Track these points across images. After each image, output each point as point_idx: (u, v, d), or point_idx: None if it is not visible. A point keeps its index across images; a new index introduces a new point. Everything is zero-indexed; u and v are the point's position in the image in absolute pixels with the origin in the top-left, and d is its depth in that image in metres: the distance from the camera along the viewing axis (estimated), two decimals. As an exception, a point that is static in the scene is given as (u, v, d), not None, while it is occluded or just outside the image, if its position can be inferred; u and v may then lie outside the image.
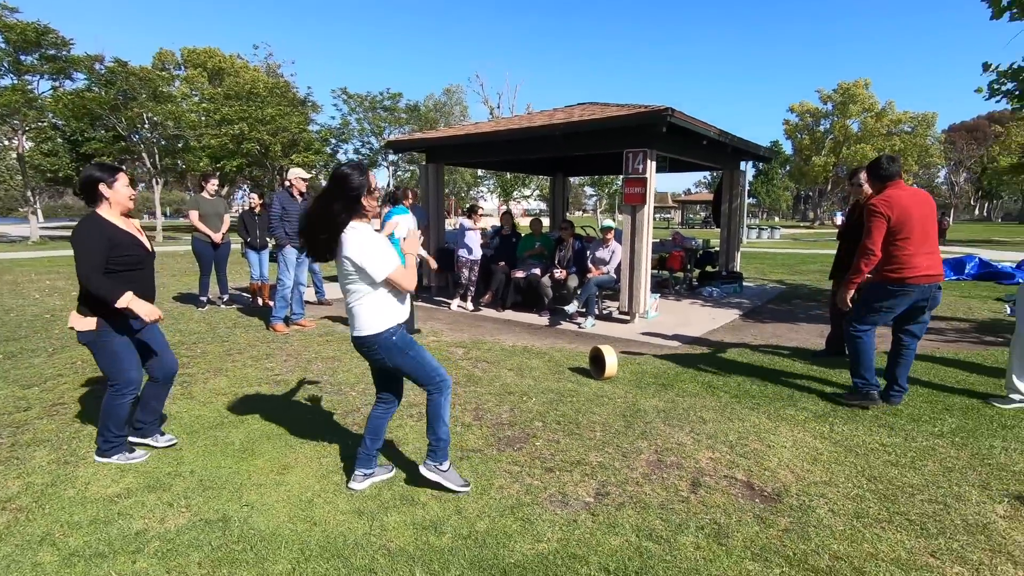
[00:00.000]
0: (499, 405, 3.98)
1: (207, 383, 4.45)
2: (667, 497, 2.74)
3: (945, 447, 3.26)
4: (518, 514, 2.58)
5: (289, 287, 6.25)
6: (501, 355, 5.30)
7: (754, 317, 7.46)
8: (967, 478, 2.90)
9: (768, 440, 3.36)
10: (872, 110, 45.80)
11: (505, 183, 40.75)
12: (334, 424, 3.66)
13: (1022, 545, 2.33)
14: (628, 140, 6.57)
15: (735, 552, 2.30)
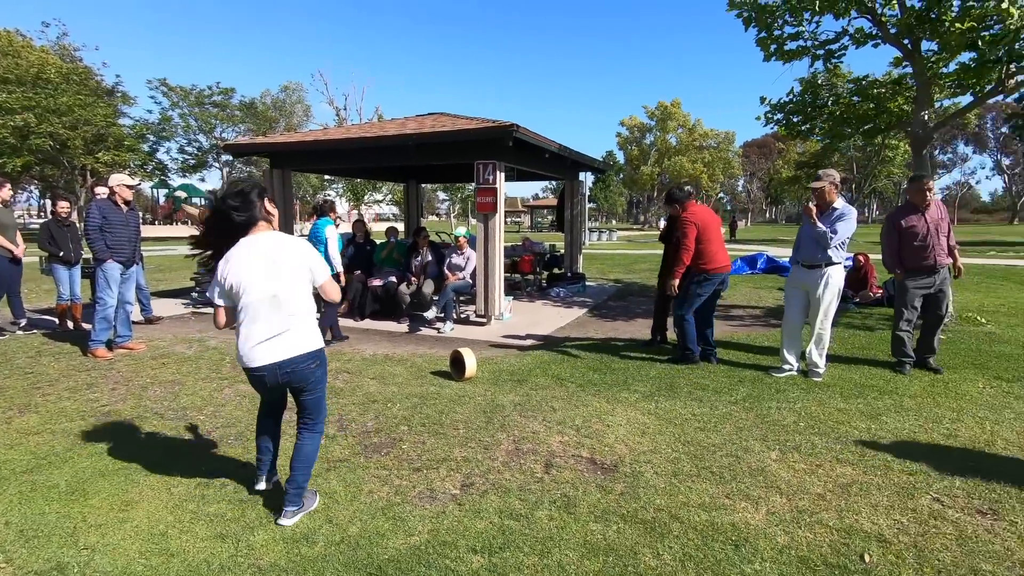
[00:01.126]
0: (363, 414, 4.04)
1: (11, 423, 3.86)
2: (524, 480, 3.07)
3: (738, 412, 4.05)
4: (389, 514, 2.71)
5: (112, 306, 5.57)
6: (362, 364, 5.31)
7: (596, 313, 8.29)
8: (752, 434, 3.65)
9: (607, 421, 3.88)
10: (686, 126, 52.51)
11: (356, 187, 39.45)
12: (183, 452, 3.44)
13: (787, 480, 3.04)
14: (478, 152, 6.94)
15: (581, 518, 2.68)
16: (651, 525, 2.62)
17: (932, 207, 4.92)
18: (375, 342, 6.34)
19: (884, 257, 5.20)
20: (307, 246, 2.65)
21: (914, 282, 4.96)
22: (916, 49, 7.06)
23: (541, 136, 7.42)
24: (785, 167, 60.90)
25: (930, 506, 2.76)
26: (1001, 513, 2.69)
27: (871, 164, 30.20)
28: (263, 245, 2.52)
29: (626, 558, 2.37)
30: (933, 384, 4.65)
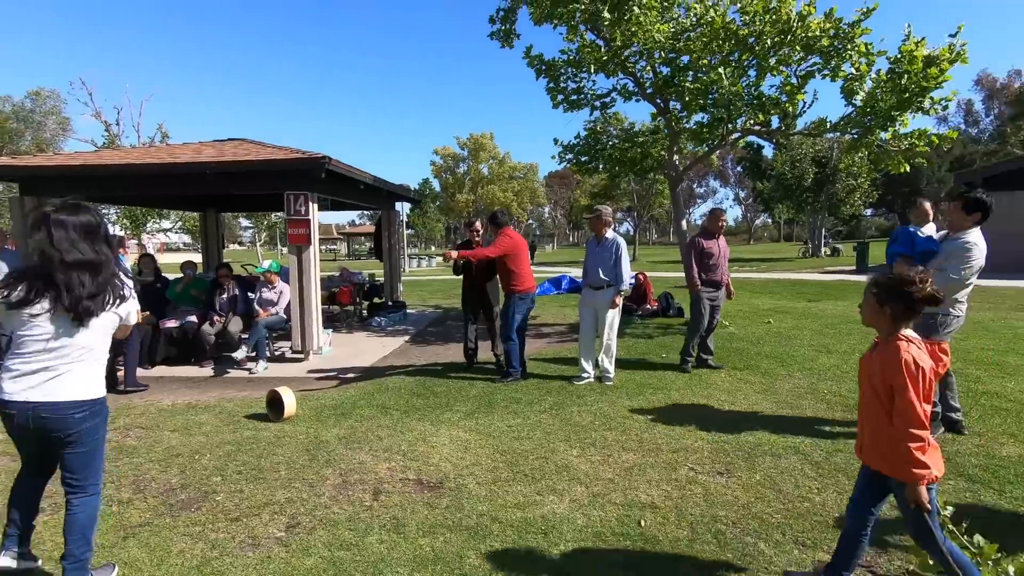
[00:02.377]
0: (165, 471, 3.67)
1: None
2: (353, 510, 3.12)
3: (546, 419, 4.58)
4: (206, 570, 2.57)
5: None
6: (159, 417, 4.76)
7: (418, 340, 8.48)
8: (558, 437, 4.18)
9: (432, 442, 4.10)
10: (496, 157, 55.99)
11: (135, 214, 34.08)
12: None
13: (586, 471, 3.57)
14: (288, 182, 6.72)
15: (411, 536, 2.85)
16: (474, 530, 2.89)
17: (722, 239, 6.16)
18: (173, 390, 5.70)
19: (686, 270, 6.09)
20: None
21: (707, 293, 6.05)
22: (667, 106, 8.74)
23: (355, 168, 7.47)
24: (583, 196, 68.56)
25: (687, 475, 3.50)
26: (733, 472, 3.53)
27: (648, 195, 35.60)
28: None
29: (453, 563, 2.59)
30: (691, 378, 5.77)
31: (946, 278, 3.60)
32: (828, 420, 4.42)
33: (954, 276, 3.65)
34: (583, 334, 5.68)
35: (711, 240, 6.12)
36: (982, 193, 3.75)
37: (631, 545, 2.73)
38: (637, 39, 7.83)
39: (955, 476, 3.37)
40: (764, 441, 4.01)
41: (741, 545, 2.70)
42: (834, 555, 2.34)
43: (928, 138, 7.12)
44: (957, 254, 3.69)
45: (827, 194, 31.54)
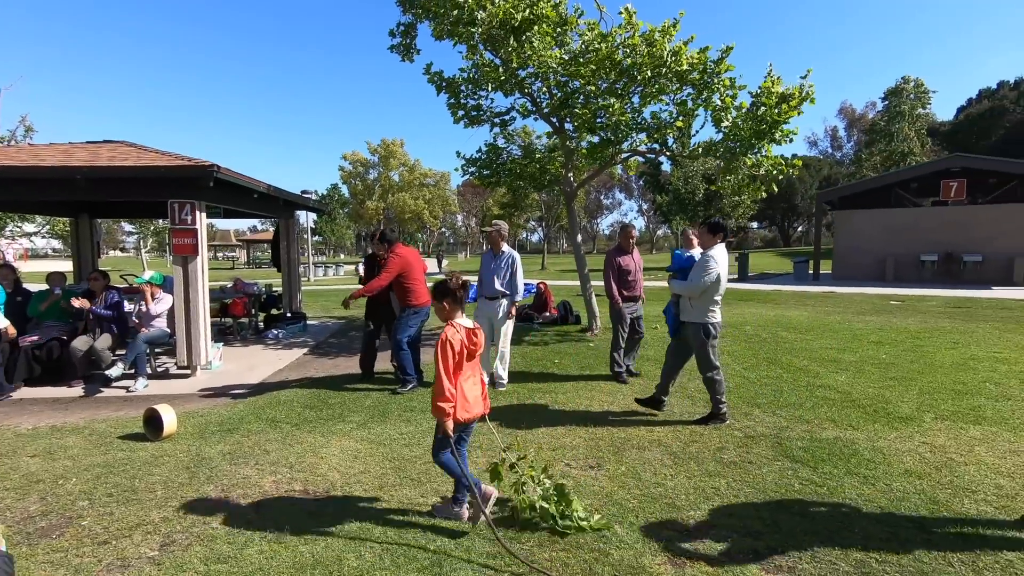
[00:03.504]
0: (22, 499, 3.44)
1: None
2: (232, 525, 3.13)
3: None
4: (67, 596, 2.50)
5: None
6: (17, 442, 4.40)
7: (317, 352, 8.34)
8: (448, 441, 4.37)
9: (321, 453, 4.14)
10: (407, 165, 55.43)
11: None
12: None
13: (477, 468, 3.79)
14: (173, 191, 6.43)
15: (291, 544, 2.91)
16: (355, 535, 3.01)
17: (635, 252, 6.37)
18: (34, 413, 5.27)
19: (607, 287, 6.17)
20: None
21: (626, 307, 6.20)
22: (562, 126, 9.28)
23: (247, 176, 7.26)
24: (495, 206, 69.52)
25: (563, 469, 3.83)
26: (603, 465, 3.91)
27: (556, 206, 36.88)
28: None
29: (332, 565, 2.71)
30: (576, 383, 6.20)
31: (682, 284, 4.66)
32: (691, 412, 4.97)
33: (695, 281, 4.54)
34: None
35: (626, 256, 6.27)
36: (719, 218, 4.84)
37: (503, 535, 2.98)
38: (532, 62, 8.28)
39: (782, 458, 3.96)
40: (633, 436, 4.45)
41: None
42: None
43: (780, 166, 8.11)
44: (700, 265, 4.58)
45: (716, 208, 34.38)
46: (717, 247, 4.61)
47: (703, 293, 4.55)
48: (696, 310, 4.65)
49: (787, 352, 7.54)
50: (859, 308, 12.31)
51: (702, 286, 4.51)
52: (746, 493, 3.44)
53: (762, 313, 11.77)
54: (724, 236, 4.66)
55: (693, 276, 4.57)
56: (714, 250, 4.59)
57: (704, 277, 4.49)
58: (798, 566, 2.67)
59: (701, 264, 4.57)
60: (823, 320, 10.52)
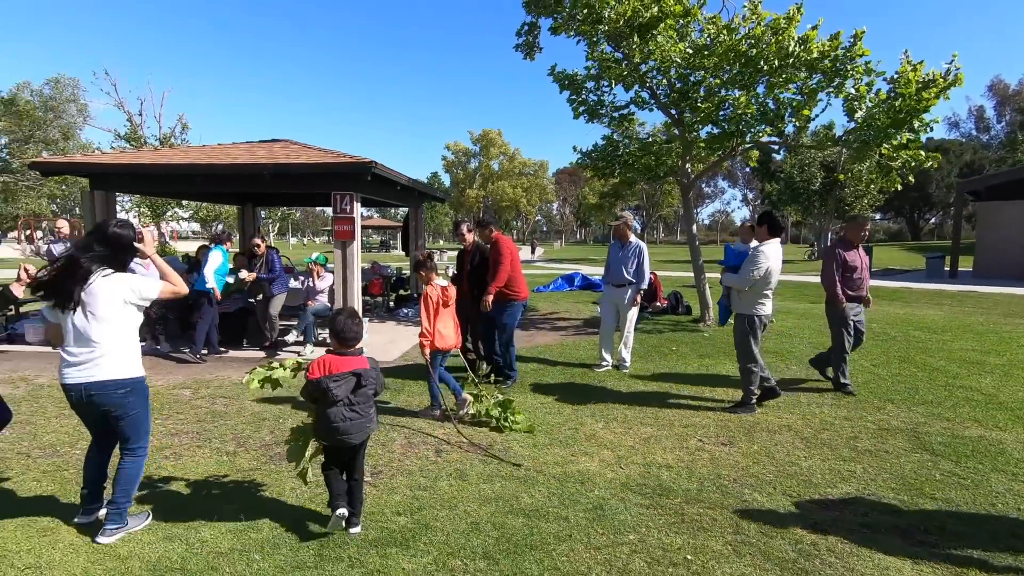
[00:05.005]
0: (258, 431, 4.37)
1: None
2: (422, 464, 3.82)
3: (573, 398, 5.26)
4: (316, 502, 3.26)
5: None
6: (237, 389, 5.47)
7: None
8: (584, 413, 4.86)
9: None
10: (507, 153, 56.59)
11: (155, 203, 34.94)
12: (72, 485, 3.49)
13: (610, 440, 4.25)
14: (335, 183, 7.41)
15: (473, 482, 3.54)
16: (523, 479, 3.58)
17: (860, 247, 5.48)
18: (236, 368, 6.41)
19: (828, 285, 5.37)
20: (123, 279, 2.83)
21: (852, 310, 5.38)
22: (681, 118, 9.37)
23: (394, 170, 8.15)
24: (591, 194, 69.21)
25: (696, 444, 4.18)
26: (735, 443, 4.20)
27: (657, 196, 36.20)
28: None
29: (511, 501, 3.28)
30: (700, 367, 6.44)
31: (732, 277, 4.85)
32: (819, 404, 5.08)
33: (744, 275, 4.69)
34: (604, 327, 6.34)
35: (852, 251, 5.41)
36: (774, 213, 4.92)
37: (651, 492, 3.41)
38: (655, 57, 8.45)
39: (920, 450, 4.03)
40: (762, 420, 4.68)
41: (740, 495, 3.38)
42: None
43: (918, 158, 7.68)
44: (750, 259, 4.73)
45: (835, 198, 32.01)
46: (770, 242, 4.76)
47: (752, 286, 4.71)
48: (745, 302, 4.82)
49: (920, 351, 7.24)
50: (1007, 310, 11.26)
51: (749, 280, 4.68)
52: (884, 479, 3.60)
53: (889, 311, 11.13)
54: (776, 231, 4.82)
55: (743, 270, 4.75)
56: (766, 245, 4.73)
57: (752, 271, 4.66)
58: (941, 543, 2.86)
59: (751, 259, 4.73)
60: (962, 320, 9.80)
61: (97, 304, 2.73)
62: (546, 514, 3.13)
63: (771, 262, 4.69)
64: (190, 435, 4.29)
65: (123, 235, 2.89)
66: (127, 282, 2.83)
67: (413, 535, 2.91)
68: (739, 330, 4.87)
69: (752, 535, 2.92)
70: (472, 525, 3.01)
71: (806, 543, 2.84)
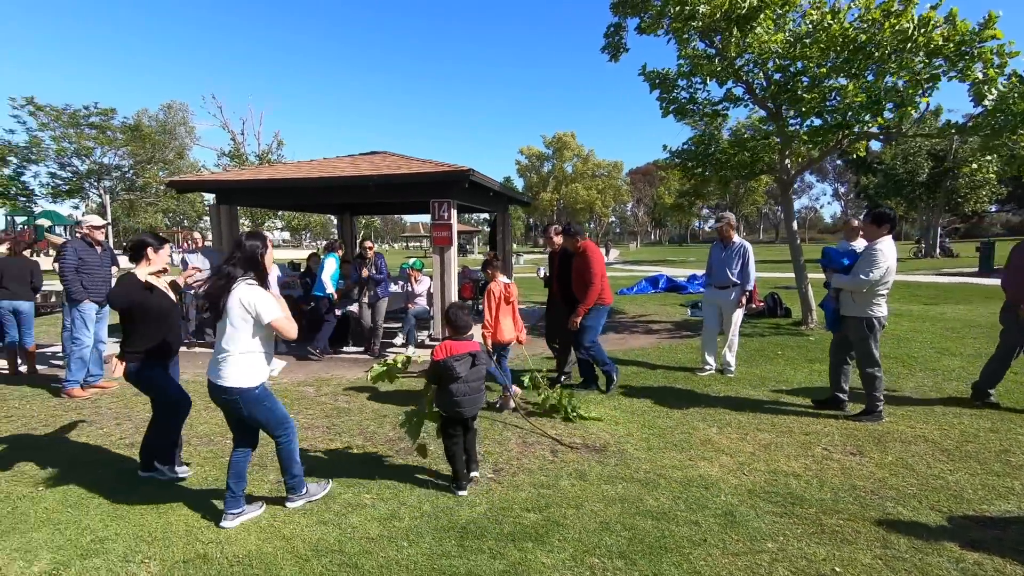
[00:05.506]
0: (381, 427, 4.65)
1: (25, 464, 4.01)
2: (540, 463, 3.91)
3: (680, 402, 5.18)
4: (448, 495, 3.43)
5: (88, 346, 5.63)
6: (355, 387, 5.83)
7: (537, 332, 9.27)
8: (695, 417, 4.77)
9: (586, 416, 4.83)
10: (581, 155, 56.29)
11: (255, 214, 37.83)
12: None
13: (728, 446, 4.15)
14: (434, 191, 7.72)
15: (594, 482, 3.58)
16: (644, 482, 3.58)
17: None
18: (348, 368, 6.82)
19: (1012, 290, 4.88)
20: (252, 292, 2.97)
21: None
22: (779, 112, 8.96)
23: (488, 177, 8.37)
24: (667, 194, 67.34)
25: (822, 453, 4.00)
26: (865, 453, 3.98)
27: (740, 194, 34.63)
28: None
29: (636, 503, 3.30)
30: (809, 372, 6.13)
31: (846, 279, 4.50)
32: (956, 414, 4.70)
33: (862, 275, 4.37)
34: (707, 329, 6.19)
35: None
36: (886, 208, 4.55)
37: (782, 500, 3.30)
38: (752, 49, 8.14)
39: (1089, 467, 3.63)
40: (892, 429, 4.40)
41: (881, 507, 3.20)
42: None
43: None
44: (867, 259, 4.41)
45: (945, 190, 29.27)
46: (884, 239, 4.44)
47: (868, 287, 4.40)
48: (859, 304, 4.50)
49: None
50: None
51: (868, 282, 4.37)
52: (1048, 497, 3.29)
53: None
54: (891, 228, 4.49)
55: (859, 270, 4.42)
56: (881, 243, 4.42)
57: (872, 272, 4.35)
58: None
59: (868, 258, 4.40)
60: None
61: (229, 311, 2.96)
62: (675, 518, 3.12)
63: (890, 261, 4.42)
64: (321, 429, 4.63)
65: (247, 244, 3.09)
66: (251, 295, 2.95)
67: (546, 531, 2.99)
68: (856, 335, 4.60)
69: (903, 550, 2.77)
70: (602, 525, 3.06)
71: (968, 562, 2.66)
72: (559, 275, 5.92)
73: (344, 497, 3.41)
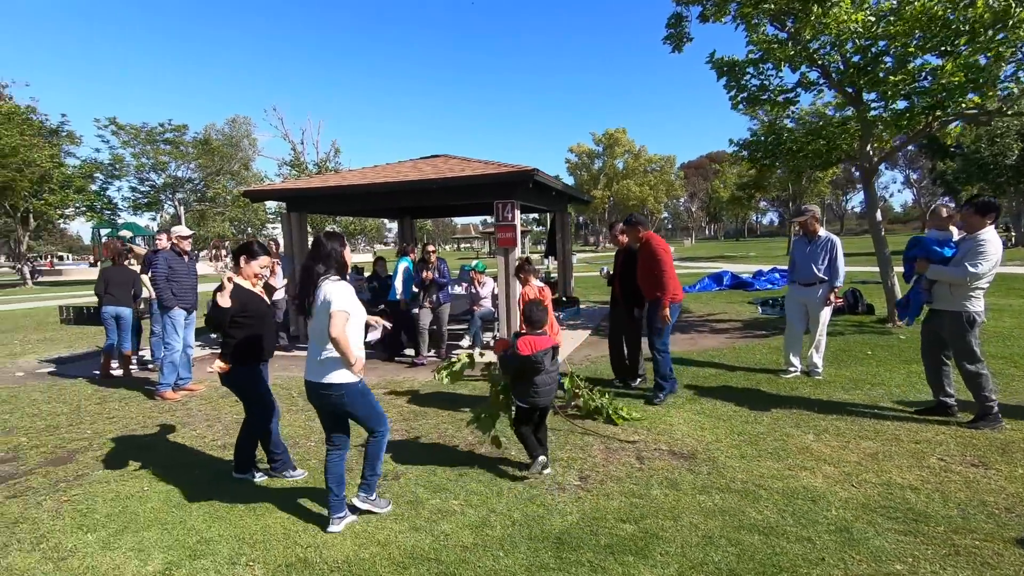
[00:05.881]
0: (459, 430, 4.63)
1: (130, 464, 4.22)
2: (627, 470, 3.77)
3: (765, 405, 4.91)
4: (537, 502, 3.35)
5: (178, 351, 5.91)
6: (424, 389, 5.86)
7: (602, 333, 9.10)
8: (787, 423, 4.50)
9: (666, 421, 4.64)
10: (632, 151, 55.29)
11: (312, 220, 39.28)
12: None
13: (828, 454, 3.87)
14: (497, 192, 7.68)
15: (688, 492, 3.41)
16: (743, 493, 3.38)
17: None
18: (415, 371, 6.87)
19: None
20: (337, 287, 2.98)
21: None
22: (859, 96, 8.42)
23: (551, 177, 8.27)
24: (723, 187, 65.07)
25: (939, 464, 3.66)
26: (990, 465, 3.62)
27: (803, 186, 32.95)
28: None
29: (737, 516, 3.11)
30: (908, 374, 5.68)
31: (948, 270, 4.21)
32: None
33: (972, 269, 4.07)
34: (791, 329, 5.85)
35: None
36: (990, 197, 4.27)
37: (902, 517, 3.03)
38: (829, 30, 7.67)
39: None
40: (1016, 439, 3.99)
41: (1021, 526, 2.88)
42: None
43: None
44: (975, 250, 4.09)
45: (1038, 173, 26.88)
46: (989, 230, 4.16)
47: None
48: (956, 297, 4.17)
49: None
50: None
51: (976, 274, 4.08)
52: None
53: None
54: (996, 217, 4.23)
55: (966, 261, 4.12)
56: (987, 233, 4.14)
57: (980, 264, 4.07)
58: None
59: (975, 249, 4.10)
60: None
61: (318, 310, 3.01)
62: (784, 533, 2.91)
63: (999, 253, 4.10)
64: (400, 432, 4.66)
65: (328, 244, 3.10)
66: (333, 292, 2.95)
67: (646, 544, 2.86)
68: (953, 331, 4.24)
69: (1058, 577, 2.47)
70: (705, 538, 2.89)
71: None
72: (621, 274, 5.73)
73: (432, 503, 3.39)
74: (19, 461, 4.32)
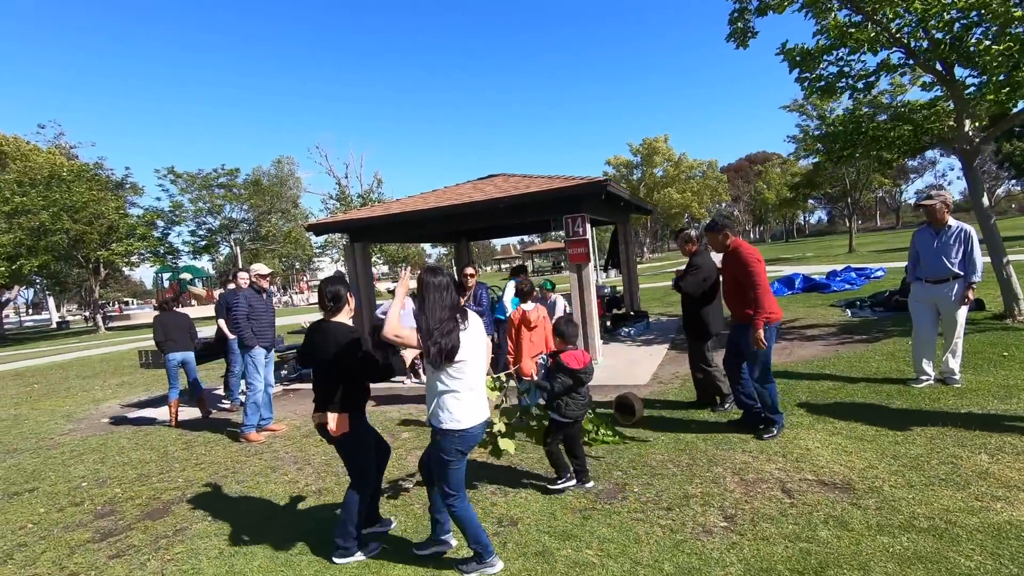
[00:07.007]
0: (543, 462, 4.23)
1: (228, 515, 4.00)
2: (777, 506, 3.28)
3: (910, 422, 4.31)
4: (686, 550, 2.92)
5: (260, 391, 5.77)
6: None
7: (677, 349, 8.56)
8: (946, 442, 3.90)
9: (801, 444, 4.12)
10: (671, 160, 54.32)
11: (360, 251, 40.14)
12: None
13: (1017, 479, 3.29)
14: (565, 207, 7.36)
15: (863, 532, 2.90)
16: (934, 533, 2.84)
17: None
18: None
19: None
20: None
21: None
22: (950, 73, 7.73)
23: (619, 187, 7.90)
24: (766, 188, 62.98)
25: None
26: None
27: (862, 179, 31.26)
28: None
29: (942, 564, 2.59)
30: (1068, 378, 4.96)
31: None
32: None
33: None
34: (920, 333, 5.22)
35: None
36: None
37: None
38: (914, 7, 7.07)
39: None
40: None
41: None
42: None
43: None
44: None
45: None
46: None
47: None
48: None
49: None
50: None
51: None
52: None
53: None
54: None
55: None
56: None
57: None
58: None
59: None
60: None
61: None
62: (1015, 585, 2.38)
63: None
64: (489, 469, 4.30)
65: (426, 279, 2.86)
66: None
67: (843, 604, 2.38)
68: None
69: None
70: (915, 595, 2.39)
71: None
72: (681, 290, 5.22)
73: (563, 553, 3.00)
74: (117, 515, 4.18)
